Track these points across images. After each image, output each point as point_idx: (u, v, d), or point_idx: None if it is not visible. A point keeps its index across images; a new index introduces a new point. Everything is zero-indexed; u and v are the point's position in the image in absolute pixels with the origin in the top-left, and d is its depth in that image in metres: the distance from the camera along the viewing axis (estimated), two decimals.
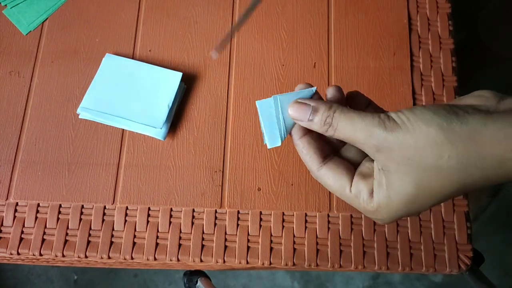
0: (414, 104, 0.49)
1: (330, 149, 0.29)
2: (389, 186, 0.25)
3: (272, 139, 0.28)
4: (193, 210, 0.46)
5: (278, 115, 0.28)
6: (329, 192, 0.46)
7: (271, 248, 0.44)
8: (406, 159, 0.24)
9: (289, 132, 0.29)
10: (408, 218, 0.45)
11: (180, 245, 0.45)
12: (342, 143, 0.30)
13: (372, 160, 0.28)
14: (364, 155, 0.29)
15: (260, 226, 0.45)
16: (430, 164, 0.23)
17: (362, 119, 0.25)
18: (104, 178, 0.47)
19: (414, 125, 0.23)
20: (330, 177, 0.28)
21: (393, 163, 0.24)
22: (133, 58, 0.51)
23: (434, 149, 0.23)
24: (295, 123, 0.28)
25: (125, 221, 0.46)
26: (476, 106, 0.24)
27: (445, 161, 0.23)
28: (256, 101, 0.28)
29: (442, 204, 0.46)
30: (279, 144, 0.28)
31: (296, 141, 0.29)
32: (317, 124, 0.27)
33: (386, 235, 0.45)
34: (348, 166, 0.28)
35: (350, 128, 0.25)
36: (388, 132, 0.24)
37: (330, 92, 0.29)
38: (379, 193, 0.26)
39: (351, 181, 0.27)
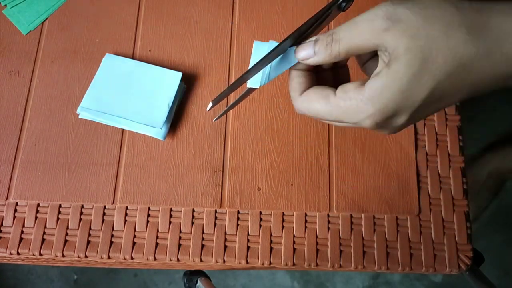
0: None
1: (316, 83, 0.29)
2: (389, 73, 0.24)
3: (253, 80, 0.28)
4: (193, 210, 0.46)
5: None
6: (329, 192, 0.46)
7: (271, 248, 0.45)
8: (417, 30, 0.23)
9: (270, 80, 0.29)
10: (408, 217, 0.45)
11: (180, 245, 0.45)
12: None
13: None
14: None
15: (260, 226, 0.45)
16: (441, 34, 0.23)
17: (364, 15, 0.25)
18: (104, 178, 0.47)
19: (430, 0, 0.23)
20: (312, 94, 0.27)
21: (404, 40, 0.23)
22: (133, 58, 0.51)
23: (448, 20, 0.22)
24: (279, 74, 0.29)
25: (125, 221, 0.46)
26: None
27: (458, 36, 0.22)
28: (254, 40, 0.29)
29: (442, 204, 0.46)
30: (257, 86, 0.29)
31: (291, 71, 0.29)
32: (321, 50, 0.26)
33: (386, 235, 0.45)
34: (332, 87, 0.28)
35: (352, 28, 0.25)
36: (395, 4, 0.24)
37: None
38: (373, 80, 0.25)
39: (337, 88, 0.27)
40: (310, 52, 0.27)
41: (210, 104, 0.28)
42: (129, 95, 0.47)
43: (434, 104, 0.25)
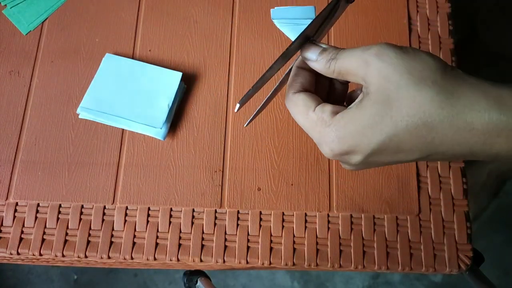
0: None
1: (316, 92, 0.30)
2: (359, 106, 0.25)
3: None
4: (193, 210, 0.46)
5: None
6: (329, 192, 0.46)
7: (271, 248, 0.45)
8: (392, 73, 0.24)
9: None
10: (408, 217, 0.45)
11: (180, 245, 0.45)
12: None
13: None
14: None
15: (260, 226, 0.45)
16: (404, 93, 0.24)
17: (364, 46, 0.26)
18: (104, 178, 0.47)
19: (416, 50, 0.25)
20: (301, 99, 0.28)
21: (377, 78, 0.24)
22: (133, 58, 0.51)
23: (424, 74, 0.24)
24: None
25: (125, 221, 0.46)
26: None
27: (423, 92, 0.23)
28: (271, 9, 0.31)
29: (442, 204, 0.46)
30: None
31: (294, 68, 0.30)
32: (322, 61, 0.28)
33: (386, 235, 0.45)
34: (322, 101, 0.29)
35: (350, 53, 0.26)
36: (387, 45, 0.25)
37: None
38: (345, 111, 0.26)
39: (319, 104, 0.28)
40: (313, 57, 0.28)
41: (238, 106, 0.29)
42: (129, 95, 0.47)
43: (391, 155, 0.25)
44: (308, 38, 0.29)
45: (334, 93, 0.32)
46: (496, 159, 0.24)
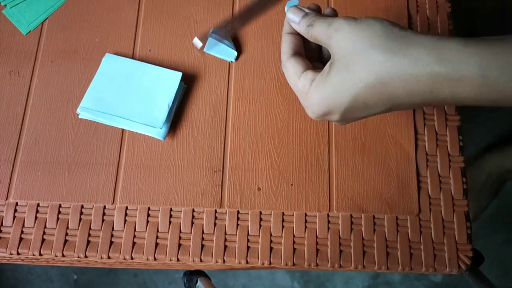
0: None
1: (303, 52, 0.35)
2: (328, 74, 0.30)
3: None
4: (193, 210, 0.46)
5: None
6: (329, 192, 0.46)
7: (271, 248, 0.45)
8: (349, 43, 0.29)
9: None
10: (408, 217, 0.45)
11: (180, 245, 0.45)
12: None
13: None
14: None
15: (260, 226, 0.45)
16: (363, 56, 0.28)
17: (330, 19, 0.31)
18: (104, 178, 0.47)
19: (368, 19, 0.29)
20: (291, 65, 0.33)
21: (339, 49, 0.29)
22: (133, 58, 0.51)
23: (373, 40, 0.28)
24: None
25: (125, 221, 0.46)
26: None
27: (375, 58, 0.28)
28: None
29: (442, 204, 0.46)
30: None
31: (283, 34, 0.35)
32: (303, 25, 0.33)
33: (386, 235, 0.45)
34: (309, 64, 0.34)
35: (320, 25, 0.31)
36: (345, 20, 0.30)
37: (326, 11, 0.36)
38: (318, 78, 0.31)
39: (304, 71, 0.32)
40: (296, 19, 0.33)
41: (196, 39, 0.36)
42: (129, 95, 0.47)
43: (362, 110, 0.30)
44: None
45: (321, 51, 0.38)
46: (445, 103, 0.29)
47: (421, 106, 0.31)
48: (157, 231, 0.45)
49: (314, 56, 0.37)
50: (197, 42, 0.35)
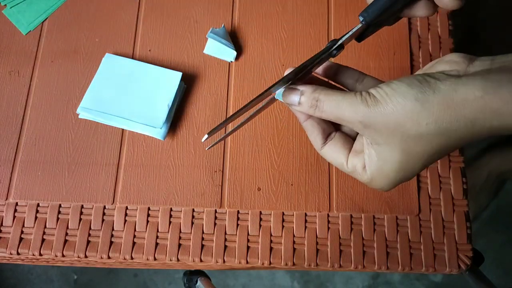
0: None
1: (332, 127, 0.31)
2: (379, 157, 0.27)
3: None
4: (193, 210, 0.46)
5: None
6: (329, 192, 0.46)
7: (271, 248, 0.44)
8: (390, 131, 0.25)
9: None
10: (408, 217, 0.45)
11: (180, 245, 0.45)
12: None
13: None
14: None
15: (260, 226, 0.45)
16: (412, 133, 0.25)
17: (345, 98, 0.27)
18: (104, 178, 0.47)
19: (392, 99, 0.25)
20: (330, 155, 0.30)
21: (380, 136, 0.26)
22: (133, 58, 0.51)
23: (413, 118, 0.25)
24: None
25: (125, 221, 0.46)
26: (446, 71, 0.25)
27: (424, 128, 0.24)
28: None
29: (442, 204, 0.46)
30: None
31: (302, 123, 0.31)
32: (305, 107, 0.29)
33: (386, 235, 0.45)
34: (345, 143, 0.30)
35: (335, 108, 0.27)
36: (370, 108, 0.26)
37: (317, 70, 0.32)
38: (370, 165, 0.28)
39: (347, 158, 0.30)
40: (295, 100, 0.29)
41: (206, 136, 0.29)
42: (129, 95, 0.47)
43: (432, 161, 0.27)
44: (289, 81, 0.29)
45: None
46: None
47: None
48: (157, 231, 0.45)
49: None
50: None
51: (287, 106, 0.30)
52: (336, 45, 0.29)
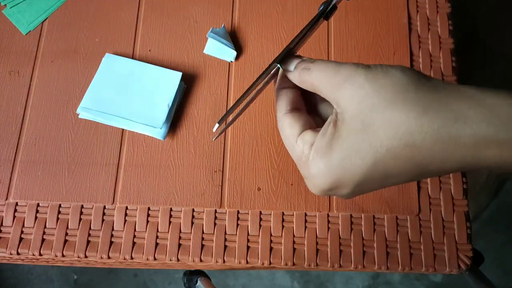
0: None
1: (304, 106, 0.29)
2: (335, 136, 0.23)
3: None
4: (193, 210, 0.46)
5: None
6: None
7: (271, 248, 0.44)
8: (364, 97, 0.22)
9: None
10: (408, 217, 0.45)
11: (180, 245, 0.45)
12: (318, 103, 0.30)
13: None
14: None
15: (260, 226, 0.45)
16: (385, 111, 0.22)
17: (337, 63, 0.25)
18: (104, 178, 0.47)
19: (384, 66, 0.23)
20: (287, 123, 0.27)
21: (351, 104, 0.23)
22: (133, 58, 0.51)
23: (395, 92, 0.22)
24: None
25: (125, 221, 0.46)
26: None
27: (401, 107, 0.21)
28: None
29: (442, 204, 0.46)
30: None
31: (276, 90, 0.29)
32: (296, 71, 0.27)
33: (386, 235, 0.45)
34: (309, 121, 0.27)
35: (323, 70, 0.25)
36: (357, 66, 0.23)
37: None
38: (319, 142, 0.24)
39: (301, 132, 0.26)
40: (291, 67, 0.27)
41: (216, 126, 0.28)
42: (129, 95, 0.47)
43: (379, 181, 0.23)
44: (291, 51, 0.29)
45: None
46: (489, 171, 0.22)
47: (454, 172, 0.24)
48: (157, 231, 0.45)
49: (314, 111, 0.30)
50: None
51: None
52: (330, 6, 0.28)
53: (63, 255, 0.45)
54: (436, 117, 0.21)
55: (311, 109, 0.29)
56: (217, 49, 0.50)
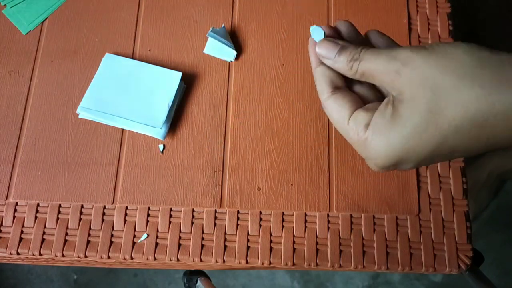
0: None
1: (343, 81, 0.28)
2: (395, 115, 0.24)
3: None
4: (193, 210, 0.46)
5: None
6: (329, 192, 0.46)
7: (271, 248, 0.44)
8: (425, 80, 0.22)
9: None
10: (408, 217, 0.45)
11: (180, 245, 0.45)
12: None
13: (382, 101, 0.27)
14: (376, 96, 0.28)
15: (260, 226, 0.45)
16: (450, 90, 0.22)
17: (389, 49, 0.25)
18: (104, 178, 0.47)
19: (442, 46, 0.23)
20: (334, 107, 0.27)
21: (410, 87, 0.23)
22: (133, 58, 0.51)
23: (459, 75, 0.21)
24: None
25: (125, 221, 0.46)
26: None
27: (467, 92, 0.21)
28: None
29: (442, 204, 0.46)
30: None
31: (314, 69, 0.29)
32: (343, 62, 0.26)
33: (386, 235, 0.45)
34: (355, 99, 0.27)
35: (374, 58, 0.25)
36: (413, 50, 0.23)
37: (342, 28, 0.29)
38: (376, 123, 0.25)
39: (353, 113, 0.26)
40: (331, 55, 0.27)
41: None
42: (129, 95, 0.47)
43: (444, 156, 0.24)
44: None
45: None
46: None
47: None
48: (157, 231, 0.45)
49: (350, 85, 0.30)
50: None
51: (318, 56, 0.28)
52: None
53: (63, 255, 0.45)
54: (507, 96, 0.20)
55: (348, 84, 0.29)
56: (217, 49, 0.50)
